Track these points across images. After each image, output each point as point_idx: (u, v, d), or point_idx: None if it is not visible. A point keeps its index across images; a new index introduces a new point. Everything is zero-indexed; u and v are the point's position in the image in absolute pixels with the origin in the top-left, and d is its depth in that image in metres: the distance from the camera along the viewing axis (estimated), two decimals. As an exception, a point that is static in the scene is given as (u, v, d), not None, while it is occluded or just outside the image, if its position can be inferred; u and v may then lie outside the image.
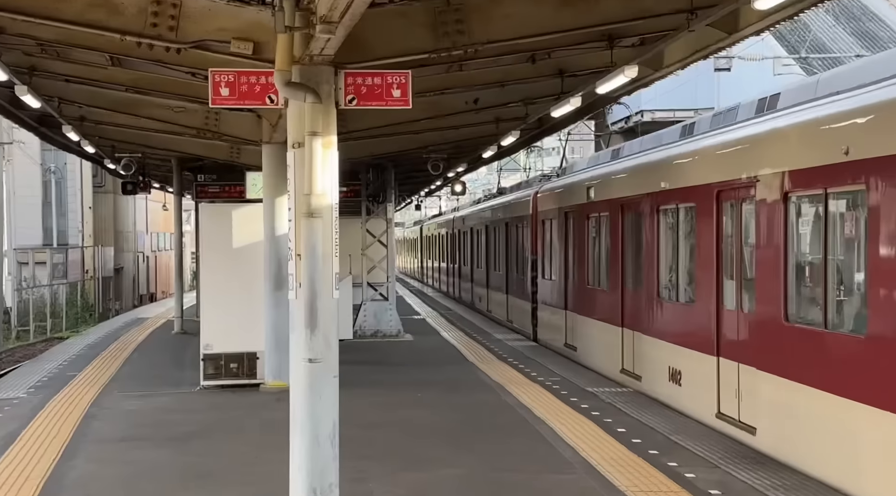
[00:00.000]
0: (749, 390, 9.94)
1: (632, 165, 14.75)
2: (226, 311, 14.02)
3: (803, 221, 9.27)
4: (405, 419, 11.48)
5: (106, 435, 10.81)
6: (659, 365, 12.70)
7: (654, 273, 12.98)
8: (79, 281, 39.49)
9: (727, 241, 10.87)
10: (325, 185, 7.70)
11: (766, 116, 10.38)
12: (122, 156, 19.95)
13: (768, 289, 9.60)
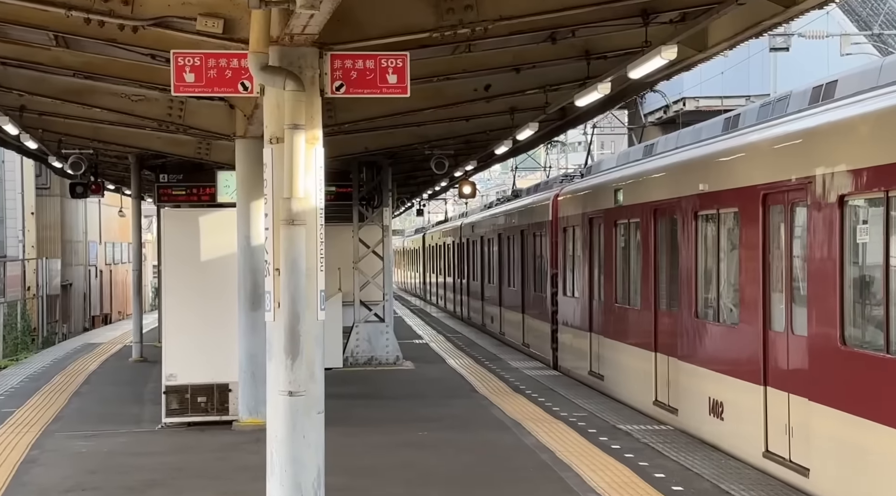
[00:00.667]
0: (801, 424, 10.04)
1: (666, 164, 14.86)
2: (192, 336, 14.04)
3: (862, 229, 9.34)
4: (405, 463, 11.48)
5: (49, 484, 10.80)
6: (698, 396, 12.80)
7: (692, 288, 13.12)
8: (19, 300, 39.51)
9: (775, 252, 10.98)
10: (308, 187, 7.74)
11: (821, 107, 10.47)
12: (71, 152, 19.98)
13: (823, 307, 9.67)
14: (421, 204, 46.98)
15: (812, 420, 9.77)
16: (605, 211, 17.27)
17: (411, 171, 25.60)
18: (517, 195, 31.70)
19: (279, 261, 7.71)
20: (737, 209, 11.82)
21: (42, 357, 25.65)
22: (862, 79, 9.98)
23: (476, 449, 12.20)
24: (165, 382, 14.08)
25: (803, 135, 10.49)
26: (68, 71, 12.47)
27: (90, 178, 23.12)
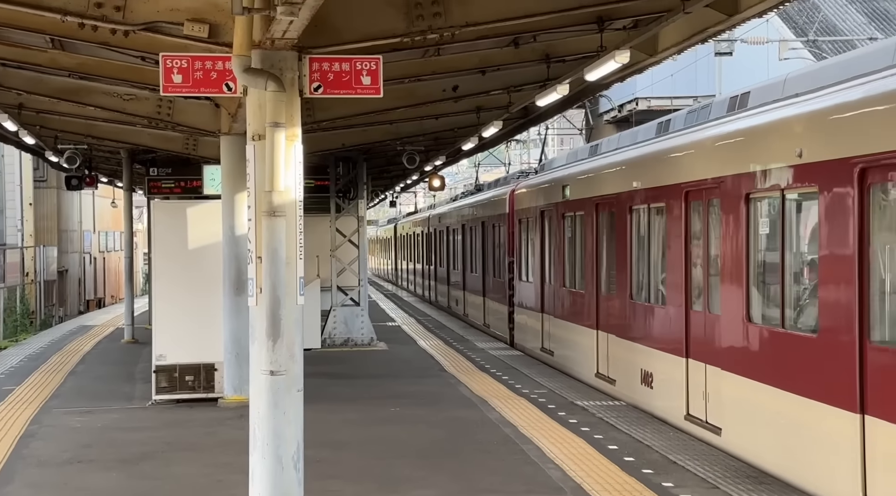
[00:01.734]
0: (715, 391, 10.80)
1: (606, 163, 15.50)
2: (180, 319, 14.00)
3: (763, 222, 10.01)
4: (378, 437, 11.47)
5: (47, 456, 10.74)
6: (632, 368, 13.45)
7: (627, 273, 13.74)
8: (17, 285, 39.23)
9: (695, 242, 11.61)
10: (288, 181, 7.70)
11: (735, 115, 11.07)
12: (66, 147, 19.85)
13: (731, 289, 10.41)
14: (394, 196, 46.85)
15: (723, 386, 10.55)
16: (555, 204, 17.81)
17: (385, 165, 25.54)
18: (480, 189, 31.93)
19: (261, 249, 7.67)
20: (664, 204, 12.38)
21: (40, 338, 25.47)
22: (769, 91, 10.53)
23: (445, 424, 12.20)
24: (155, 362, 14.02)
25: (716, 140, 11.18)
26: (64, 71, 12.37)
27: (85, 172, 23.00)
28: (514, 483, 9.28)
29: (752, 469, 9.65)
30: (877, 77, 8.32)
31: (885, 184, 7.86)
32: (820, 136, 8.94)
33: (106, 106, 14.38)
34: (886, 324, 7.89)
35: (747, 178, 10.08)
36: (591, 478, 9.39)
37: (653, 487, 9.01)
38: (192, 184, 21.70)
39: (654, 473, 9.52)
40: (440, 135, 19.01)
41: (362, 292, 21.62)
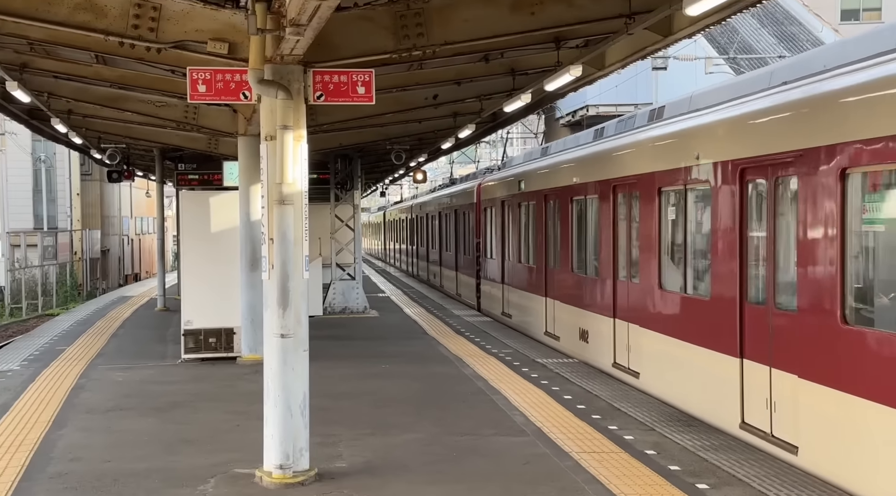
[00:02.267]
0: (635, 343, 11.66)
1: (552, 162, 16.29)
2: (205, 290, 13.95)
3: (671, 210, 10.81)
4: (371, 390, 11.45)
5: (94, 405, 10.70)
6: (573, 327, 14.32)
7: (569, 252, 14.62)
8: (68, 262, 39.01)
9: (621, 226, 12.28)
10: (295, 175, 7.67)
11: (652, 125, 11.79)
12: (108, 146, 19.68)
13: (648, 263, 11.20)
14: (384, 187, 46.72)
15: (642, 340, 11.36)
16: (513, 195, 18.58)
17: (376, 161, 25.45)
18: (453, 182, 32.43)
19: (273, 232, 7.65)
20: (597, 196, 13.14)
21: (86, 307, 25.33)
22: (679, 106, 11.23)
23: (427, 378, 12.20)
24: (184, 327, 13.96)
25: (635, 144, 11.94)
26: (106, 82, 12.26)
27: (123, 167, 22.80)
28: (485, 427, 9.28)
29: (682, 414, 9.71)
30: (753, 98, 9.04)
31: (757, 180, 8.65)
32: (712, 143, 9.62)
33: (141, 111, 14.25)
34: (759, 289, 8.63)
35: (659, 175, 10.81)
36: (550, 422, 9.42)
37: (600, 430, 9.05)
38: (213, 177, 21.54)
39: (602, 418, 9.57)
40: (423, 136, 18.95)
41: (357, 268, 21.57)
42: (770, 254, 8.34)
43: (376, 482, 7.37)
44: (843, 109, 7.28)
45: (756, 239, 8.67)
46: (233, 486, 7.36)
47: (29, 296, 34.37)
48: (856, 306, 7.09)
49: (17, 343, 17.45)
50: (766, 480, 7.25)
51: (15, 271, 35.49)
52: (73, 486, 7.39)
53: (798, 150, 7.75)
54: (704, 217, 9.79)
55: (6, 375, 12.84)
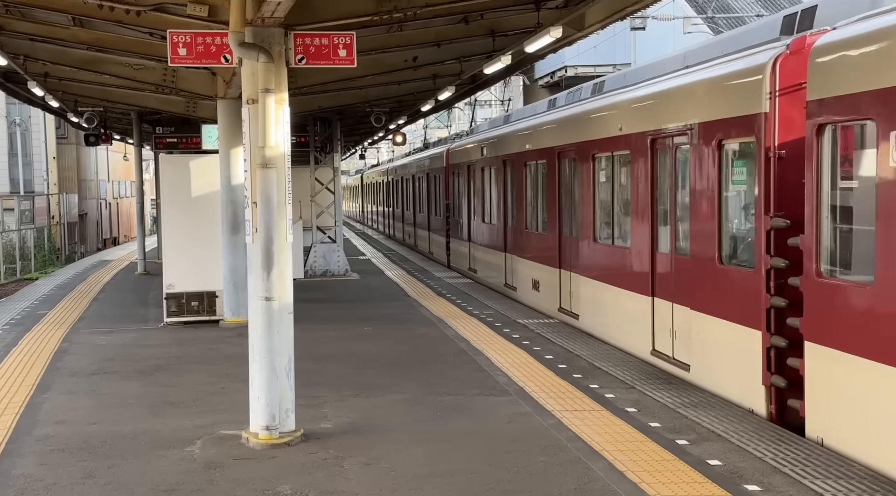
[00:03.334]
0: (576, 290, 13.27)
1: (509, 131, 17.47)
2: (186, 254, 13.93)
3: (601, 174, 12.25)
4: (355, 351, 11.50)
5: (78, 368, 10.72)
6: (527, 278, 15.95)
7: (523, 211, 16.12)
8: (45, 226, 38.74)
9: (564, 187, 13.76)
10: (278, 139, 7.66)
11: (593, 98, 13.09)
12: (85, 110, 19.51)
13: (585, 220, 12.71)
14: (363, 150, 46.52)
15: (580, 287, 12.98)
16: (476, 161, 19.95)
17: (355, 124, 25.34)
18: (426, 147, 32.90)
19: (256, 196, 7.64)
20: (545, 161, 14.59)
21: (66, 271, 25.22)
22: (615, 81, 12.70)
23: (410, 340, 12.28)
24: (166, 290, 13.96)
25: (575, 116, 13.25)
26: (83, 45, 12.14)
27: (101, 130, 22.59)
28: (468, 387, 9.38)
29: (662, 373, 9.85)
30: (664, 78, 10.41)
31: (663, 149, 10.06)
32: (630, 117, 10.98)
33: (119, 75, 14.13)
34: (666, 240, 10.04)
35: (592, 144, 12.25)
36: (532, 381, 9.53)
37: (582, 389, 9.16)
38: (192, 140, 21.46)
39: (583, 377, 9.69)
40: (402, 98, 18.87)
41: (338, 231, 21.56)
42: (672, 210, 9.85)
43: (362, 442, 7.46)
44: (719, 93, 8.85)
45: (662, 199, 10.18)
46: (220, 447, 7.43)
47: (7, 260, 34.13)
48: (728, 251, 8.80)
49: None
50: (744, 436, 7.39)
51: (-9, 236, 35.20)
52: (60, 448, 7.44)
53: (690, 124, 9.34)
54: (625, 180, 11.33)
55: (-12, 340, 12.82)
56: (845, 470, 6.51)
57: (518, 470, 6.67)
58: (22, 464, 7.03)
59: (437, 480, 6.47)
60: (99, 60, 13.50)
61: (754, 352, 8.13)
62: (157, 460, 7.11)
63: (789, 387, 7.70)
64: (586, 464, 6.75)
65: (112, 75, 14.21)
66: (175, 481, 6.59)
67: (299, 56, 7.84)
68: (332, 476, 6.65)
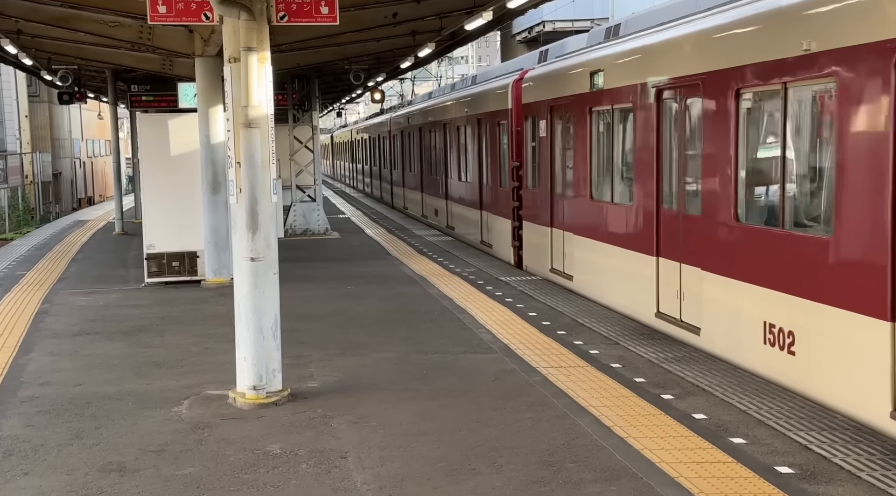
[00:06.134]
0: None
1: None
2: (166, 214, 13.86)
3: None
4: (338, 310, 11.52)
5: (59, 330, 10.70)
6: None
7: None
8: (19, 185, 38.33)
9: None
10: (261, 98, 7.60)
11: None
12: (59, 68, 19.24)
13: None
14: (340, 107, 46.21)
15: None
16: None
17: (333, 82, 25.14)
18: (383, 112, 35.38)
19: (240, 156, 7.59)
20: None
21: (42, 231, 25.03)
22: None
23: (393, 298, 12.32)
24: (146, 251, 13.91)
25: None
26: (57, 2, 11.95)
27: (75, 89, 22.33)
28: (454, 345, 9.44)
29: (646, 328, 9.95)
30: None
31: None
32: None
33: (94, 32, 13.91)
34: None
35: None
36: (516, 339, 9.60)
37: (566, 345, 9.24)
38: (168, 98, 21.25)
39: (567, 334, 9.76)
40: (381, 55, 18.74)
41: (317, 190, 21.50)
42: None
43: (349, 400, 7.51)
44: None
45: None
46: (207, 407, 7.46)
47: (-20, 221, 33.82)
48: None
49: (-25, 269, 17.25)
50: (728, 389, 7.50)
51: (-35, 196, 34.83)
52: (46, 410, 7.44)
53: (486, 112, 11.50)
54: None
55: (-33, 302, 12.75)
56: (828, 421, 6.63)
57: (506, 426, 6.74)
58: (8, 426, 7.04)
59: (426, 438, 6.54)
60: (73, 17, 13.29)
61: (509, 231, 15.65)
62: (145, 421, 7.13)
63: (520, 246, 15.19)
64: (573, 420, 6.83)
65: (87, 33, 14.00)
66: (163, 441, 6.62)
67: (281, 13, 7.76)
68: (321, 435, 6.70)
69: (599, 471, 5.81)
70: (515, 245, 15.48)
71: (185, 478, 5.90)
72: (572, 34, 16.96)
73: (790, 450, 6.08)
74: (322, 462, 6.12)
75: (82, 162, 48.28)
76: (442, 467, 5.94)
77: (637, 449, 6.20)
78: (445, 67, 75.48)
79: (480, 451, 6.22)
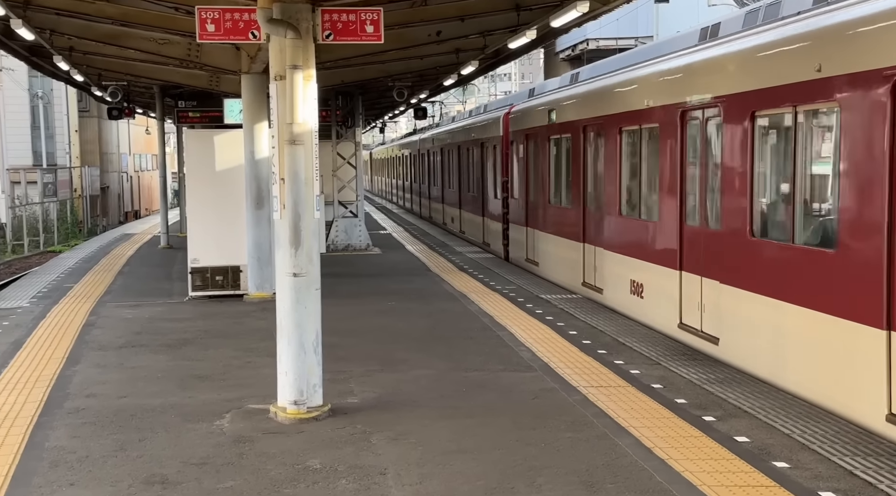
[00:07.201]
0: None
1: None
2: (211, 228, 14.01)
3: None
4: (378, 326, 11.56)
5: (105, 342, 10.83)
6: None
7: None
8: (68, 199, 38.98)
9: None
10: (305, 115, 7.68)
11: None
12: (109, 84, 19.59)
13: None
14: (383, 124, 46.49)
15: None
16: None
17: (377, 98, 25.30)
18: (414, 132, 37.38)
19: (284, 172, 7.67)
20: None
21: (90, 244, 25.40)
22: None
23: (433, 314, 12.33)
24: (191, 265, 14.06)
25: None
26: (108, 20, 12.18)
27: (124, 104, 22.68)
28: (493, 362, 9.42)
29: (687, 348, 9.86)
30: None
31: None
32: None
33: (143, 49, 14.15)
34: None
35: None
36: (556, 357, 9.56)
37: (607, 364, 9.19)
38: (213, 114, 21.52)
39: (608, 353, 9.71)
40: (424, 72, 18.82)
41: (359, 206, 21.62)
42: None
43: (389, 417, 7.52)
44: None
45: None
46: (248, 421, 7.51)
47: (30, 233, 34.43)
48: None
49: (25, 280, 17.55)
50: (771, 412, 7.40)
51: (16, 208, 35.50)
52: (91, 421, 7.54)
53: (490, 137, 12.91)
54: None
55: (16, 312, 12.97)
56: (874, 446, 6.52)
57: (545, 446, 6.71)
58: (55, 437, 7.14)
59: (465, 456, 6.53)
60: (124, 35, 13.52)
61: (500, 232, 19.42)
62: (188, 433, 7.19)
63: (507, 244, 18.83)
64: (613, 440, 6.78)
65: (136, 50, 14.24)
66: (206, 454, 6.67)
67: (326, 32, 7.84)
68: (361, 451, 6.71)
69: (639, 492, 5.77)
70: (504, 243, 19.56)
71: (227, 491, 5.94)
72: (616, 52, 17.88)
73: (835, 475, 5.99)
74: (361, 478, 6.13)
75: (129, 176, 48.99)
76: (481, 485, 5.93)
77: (678, 471, 6.14)
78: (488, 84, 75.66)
79: (519, 470, 6.19)
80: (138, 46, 14.04)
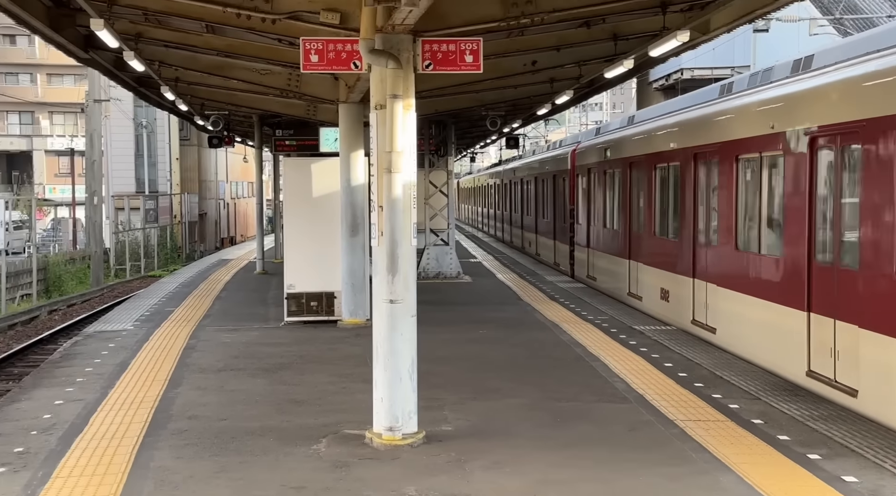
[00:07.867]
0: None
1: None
2: (306, 255, 14.21)
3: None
4: (471, 354, 11.55)
5: (205, 365, 11.06)
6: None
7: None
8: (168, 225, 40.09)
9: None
10: (404, 144, 7.76)
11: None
12: (211, 113, 20.14)
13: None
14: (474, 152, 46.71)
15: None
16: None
17: (469, 127, 25.47)
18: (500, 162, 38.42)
19: (382, 200, 7.76)
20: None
21: (188, 269, 26.02)
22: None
23: (524, 344, 12.27)
24: (287, 291, 14.27)
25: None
26: (213, 51, 12.53)
27: (224, 133, 23.29)
28: (587, 393, 9.32)
29: (787, 383, 9.60)
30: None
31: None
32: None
33: (245, 79, 14.53)
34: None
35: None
36: (652, 389, 9.41)
37: (704, 398, 9.00)
38: (309, 143, 21.91)
39: (705, 386, 9.51)
40: (518, 102, 18.88)
41: (451, 234, 21.69)
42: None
43: (483, 445, 7.49)
44: None
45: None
46: (345, 446, 7.57)
47: (132, 257, 35.51)
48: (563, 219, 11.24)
49: (128, 303, 18.07)
50: (880, 451, 7.15)
51: (119, 234, 36.68)
52: (193, 442, 7.69)
53: (562, 168, 14.51)
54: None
55: (121, 334, 13.35)
56: None
57: (642, 480, 6.59)
58: (160, 457, 7.30)
59: (560, 487, 6.46)
60: (227, 65, 13.91)
61: (567, 253, 22.11)
62: (286, 457, 7.28)
63: (573, 263, 21.19)
64: (714, 476, 6.63)
65: (239, 80, 14.62)
66: (304, 479, 6.74)
67: (426, 62, 7.92)
68: (455, 479, 6.70)
69: (742, 530, 5.61)
70: (570, 262, 21.94)
71: (324, 515, 5.98)
72: (711, 82, 17.83)
73: (949, 520, 5.74)
74: (457, 506, 6.11)
75: (226, 203, 50.16)
76: (578, 518, 5.85)
77: (781, 509, 5.97)
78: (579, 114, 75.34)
79: (617, 504, 6.10)
80: (241, 77, 14.42)
